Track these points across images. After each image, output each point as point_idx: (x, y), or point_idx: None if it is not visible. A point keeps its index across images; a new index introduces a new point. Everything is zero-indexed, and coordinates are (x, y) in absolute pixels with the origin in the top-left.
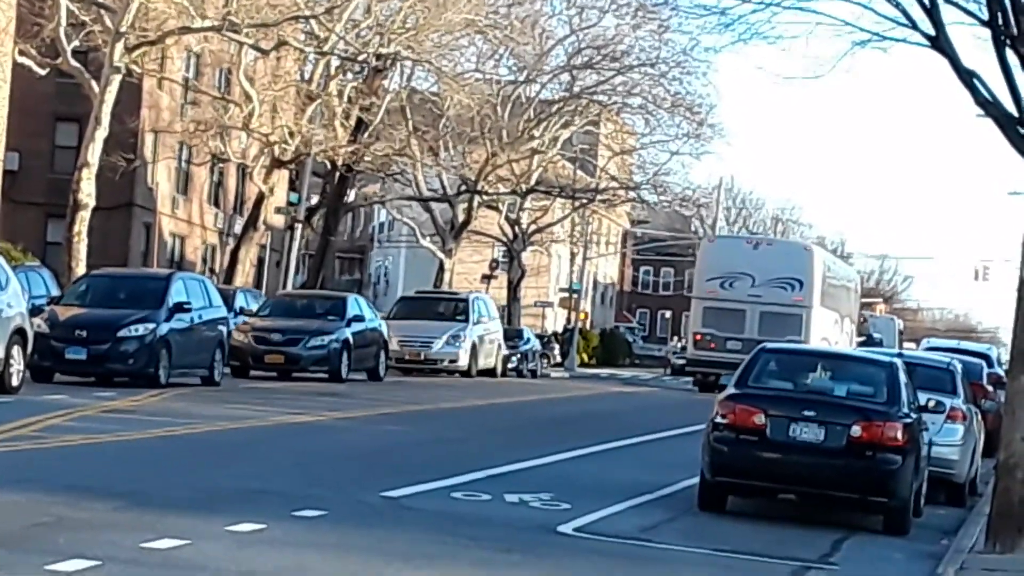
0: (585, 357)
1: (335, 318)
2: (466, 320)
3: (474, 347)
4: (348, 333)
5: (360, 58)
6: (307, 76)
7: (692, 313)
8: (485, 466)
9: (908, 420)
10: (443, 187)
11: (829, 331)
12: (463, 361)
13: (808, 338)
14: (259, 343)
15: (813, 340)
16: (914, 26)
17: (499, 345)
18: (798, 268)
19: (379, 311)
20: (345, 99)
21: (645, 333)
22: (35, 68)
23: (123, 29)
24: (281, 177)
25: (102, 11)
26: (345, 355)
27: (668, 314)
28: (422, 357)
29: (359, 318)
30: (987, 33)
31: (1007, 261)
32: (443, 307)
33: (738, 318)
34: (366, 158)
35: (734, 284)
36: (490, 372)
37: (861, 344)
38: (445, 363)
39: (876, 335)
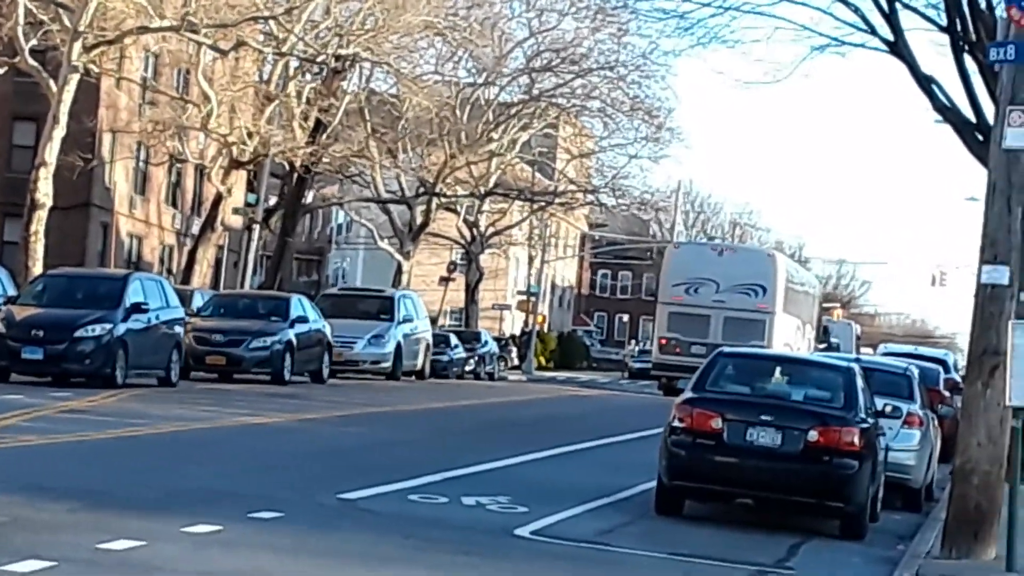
0: (543, 360)
1: (278, 319)
2: (391, 319)
3: (399, 347)
4: (291, 334)
5: (319, 59)
6: (266, 77)
7: (657, 318)
8: (442, 468)
9: (865, 425)
10: (401, 189)
11: (791, 337)
12: (387, 363)
13: (771, 343)
14: (200, 344)
15: (776, 345)
16: (873, 31)
17: (427, 346)
18: (761, 274)
19: None
20: (304, 100)
21: (603, 336)
22: None
23: (81, 28)
24: (239, 178)
25: (60, 10)
26: (288, 357)
27: (626, 317)
28: (343, 358)
29: (303, 319)
30: (946, 39)
31: (963, 267)
32: (367, 305)
33: (703, 323)
34: (324, 159)
35: (699, 290)
36: (417, 374)
37: (822, 350)
38: (367, 364)
39: (834, 340)
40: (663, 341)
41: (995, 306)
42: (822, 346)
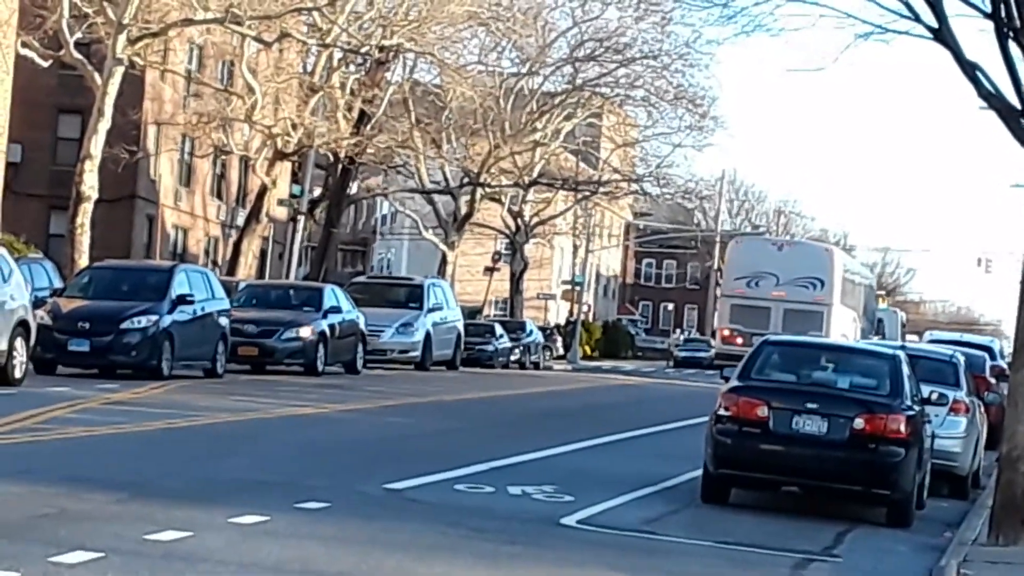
0: (588, 349)
1: (311, 309)
2: (420, 308)
3: (428, 337)
4: (325, 325)
5: (363, 50)
6: (310, 68)
7: (719, 310)
8: (488, 458)
9: (911, 413)
10: (446, 179)
11: (847, 327)
12: (415, 352)
13: (829, 334)
14: (232, 335)
15: (833, 336)
16: (917, 18)
17: (458, 335)
18: (819, 268)
19: None
20: (348, 91)
21: (648, 325)
22: (38, 60)
23: (126, 21)
24: (284, 169)
25: (105, 3)
26: (321, 348)
27: (670, 306)
28: (370, 347)
29: (336, 309)
30: (990, 25)
31: (1010, 253)
32: (395, 294)
33: (763, 315)
34: (369, 150)
35: (759, 283)
36: (448, 364)
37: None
38: (396, 353)
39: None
40: (725, 332)
41: None
42: (876, 337)
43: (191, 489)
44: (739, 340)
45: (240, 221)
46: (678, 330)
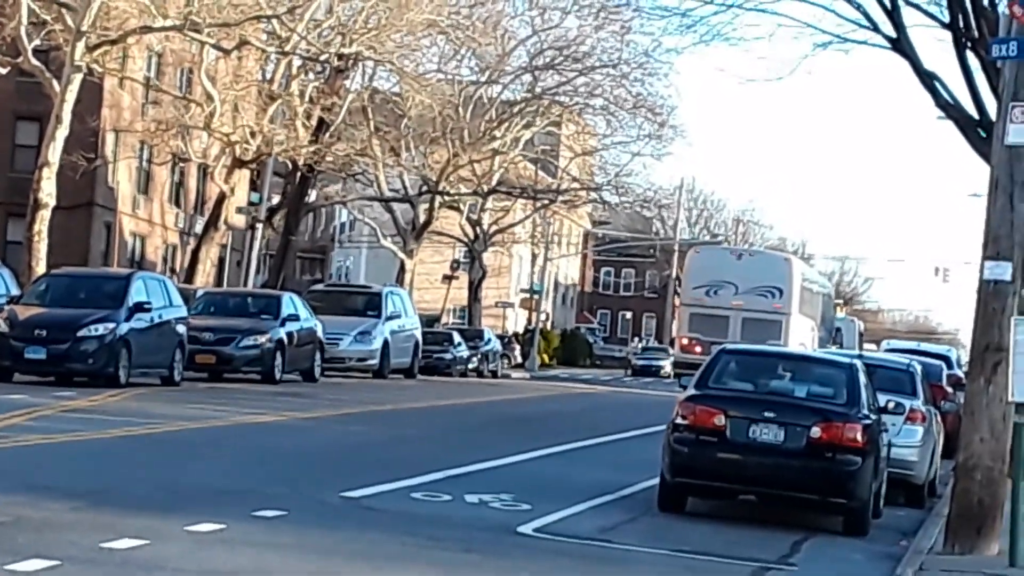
0: (546, 358)
1: (269, 317)
2: (378, 316)
3: (386, 345)
4: (282, 333)
5: (322, 58)
6: (269, 76)
7: (678, 318)
8: (446, 466)
9: (868, 421)
10: (404, 187)
11: (806, 337)
12: (373, 360)
13: (787, 343)
14: (190, 342)
15: (792, 345)
16: (875, 28)
17: (416, 343)
18: (778, 277)
19: None
20: (307, 99)
21: (606, 334)
22: None
23: (84, 28)
24: (242, 177)
25: (63, 10)
26: (279, 355)
27: (629, 315)
28: (328, 355)
29: (294, 317)
30: (948, 36)
31: (967, 263)
32: (354, 302)
33: (722, 324)
34: (327, 158)
35: (718, 292)
36: (405, 372)
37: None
38: (354, 361)
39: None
40: (684, 341)
41: (997, 302)
42: (834, 346)
43: (148, 497)
44: (698, 349)
45: (198, 229)
46: (636, 338)
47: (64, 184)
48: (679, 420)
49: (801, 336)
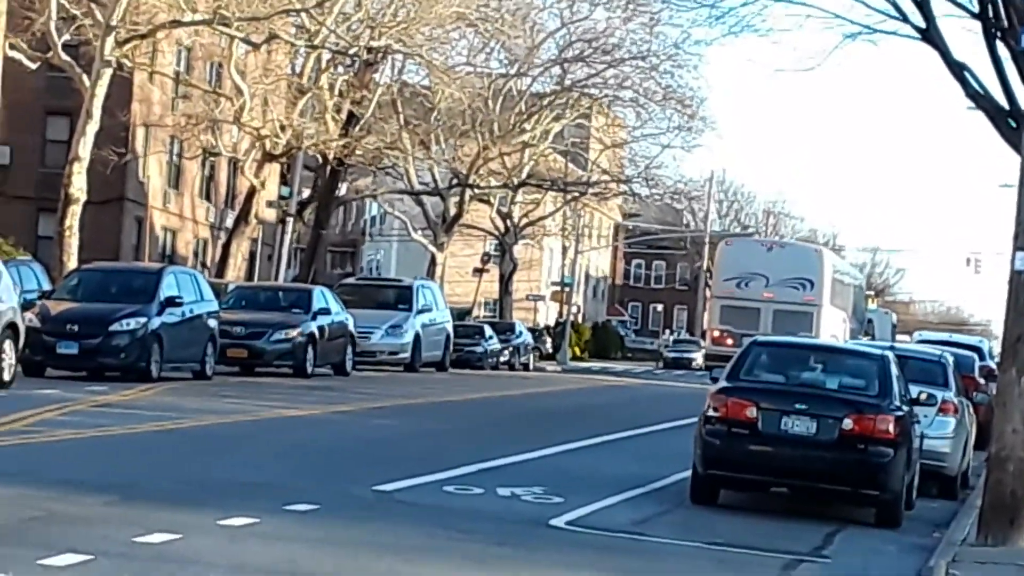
0: (577, 351)
1: (300, 311)
2: (409, 309)
3: (417, 338)
4: (314, 326)
5: (351, 51)
6: (298, 70)
7: (709, 311)
8: (477, 460)
9: (900, 413)
10: (434, 181)
11: (837, 328)
12: (405, 353)
13: (819, 334)
14: (221, 336)
15: (823, 336)
16: (905, 19)
17: (447, 336)
18: (809, 269)
19: None
20: (336, 93)
21: (637, 326)
22: (26, 62)
23: (114, 23)
24: (272, 171)
25: (93, 5)
26: (310, 349)
27: (660, 307)
28: (360, 349)
29: (325, 311)
30: (978, 26)
31: (998, 254)
32: (385, 295)
33: (753, 316)
34: (357, 152)
35: (749, 284)
36: (437, 365)
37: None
38: (385, 355)
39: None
40: (715, 333)
41: None
42: (865, 337)
43: (180, 491)
44: (729, 341)
45: (229, 223)
46: (667, 331)
47: (95, 179)
48: (711, 412)
49: (832, 328)
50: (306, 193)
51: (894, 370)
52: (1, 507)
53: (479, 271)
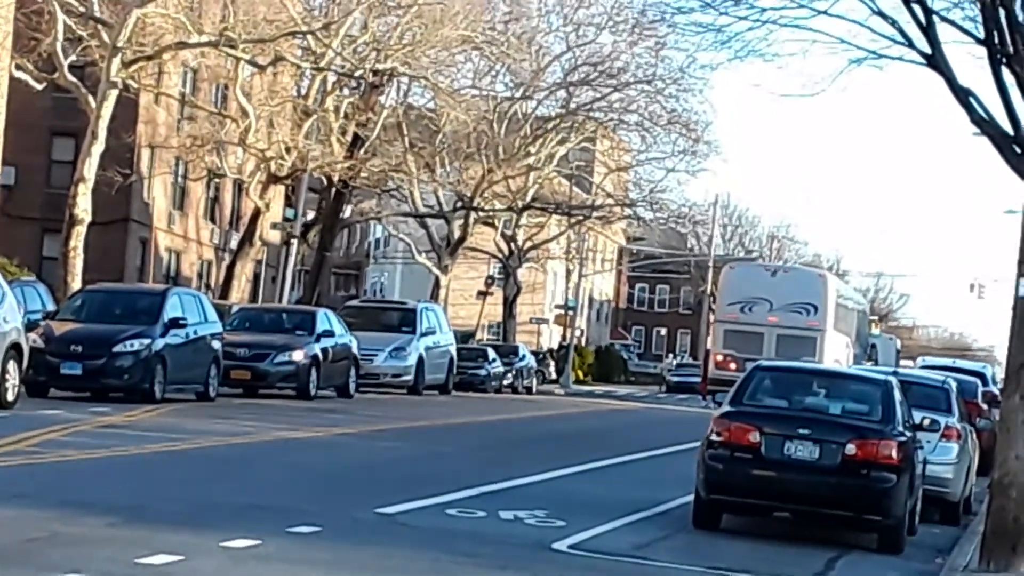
0: (580, 374)
1: (304, 333)
2: (413, 332)
3: (421, 361)
4: (317, 349)
5: (357, 74)
6: (303, 92)
7: (712, 335)
8: (480, 483)
9: (903, 438)
10: (439, 203)
11: (841, 353)
12: (408, 376)
13: (822, 359)
14: (225, 358)
15: (827, 361)
16: (910, 44)
17: (451, 359)
18: (813, 294)
19: None
20: (342, 115)
21: (640, 350)
22: (32, 83)
23: (120, 44)
24: (277, 193)
25: (99, 26)
26: (314, 371)
27: (663, 331)
28: (363, 371)
29: (329, 333)
30: (983, 52)
31: (998, 281)
32: (388, 318)
33: (757, 340)
34: (362, 174)
35: (753, 308)
36: (440, 388)
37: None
38: (388, 377)
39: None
40: (719, 357)
41: None
42: (869, 363)
43: (183, 513)
44: (732, 365)
45: (233, 244)
46: (671, 355)
47: (100, 200)
48: (714, 437)
49: (836, 353)
50: (311, 215)
51: (897, 395)
52: (4, 528)
53: (483, 294)
